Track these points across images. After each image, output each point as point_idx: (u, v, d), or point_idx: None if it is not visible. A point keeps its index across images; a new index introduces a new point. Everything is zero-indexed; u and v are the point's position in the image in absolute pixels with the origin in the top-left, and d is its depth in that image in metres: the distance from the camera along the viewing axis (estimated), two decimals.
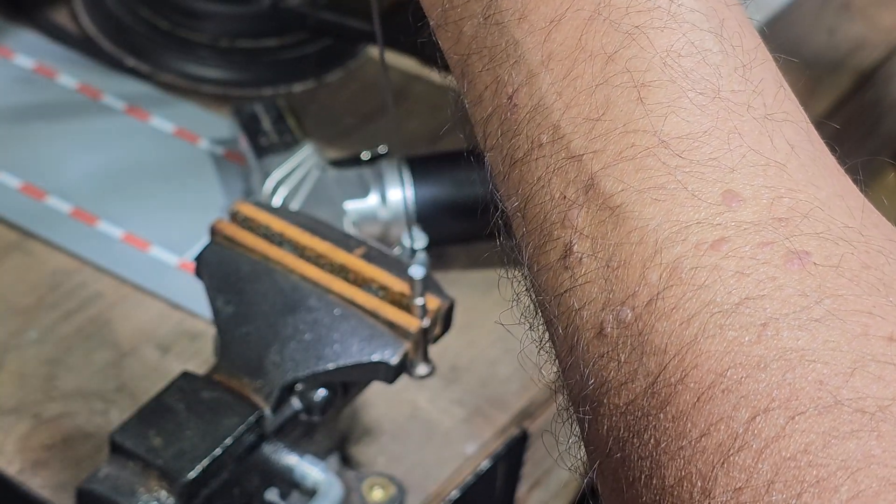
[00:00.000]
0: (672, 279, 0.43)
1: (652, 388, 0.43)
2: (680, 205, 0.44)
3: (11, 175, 1.05)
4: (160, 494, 0.74)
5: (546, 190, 0.47)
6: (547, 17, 0.47)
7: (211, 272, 0.83)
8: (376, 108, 1.14)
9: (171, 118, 1.11)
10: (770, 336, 0.41)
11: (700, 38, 0.46)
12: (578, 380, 0.46)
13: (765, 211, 0.43)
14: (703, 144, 0.44)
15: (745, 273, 0.42)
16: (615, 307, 0.44)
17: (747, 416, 0.41)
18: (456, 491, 0.90)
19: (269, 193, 1.00)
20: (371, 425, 0.93)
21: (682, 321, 0.42)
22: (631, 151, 0.45)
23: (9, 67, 1.14)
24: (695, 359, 0.42)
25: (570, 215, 0.46)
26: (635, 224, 0.44)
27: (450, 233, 1.01)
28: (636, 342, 0.43)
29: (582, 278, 0.45)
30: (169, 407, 0.77)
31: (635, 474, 0.43)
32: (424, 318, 0.79)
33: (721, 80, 0.46)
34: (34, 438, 0.88)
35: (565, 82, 0.47)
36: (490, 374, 0.97)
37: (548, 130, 0.47)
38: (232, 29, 1.15)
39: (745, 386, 0.41)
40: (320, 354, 0.78)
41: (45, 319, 0.96)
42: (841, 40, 1.28)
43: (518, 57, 0.48)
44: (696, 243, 0.43)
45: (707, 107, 0.45)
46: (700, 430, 0.41)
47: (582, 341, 0.45)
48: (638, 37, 0.46)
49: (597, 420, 0.45)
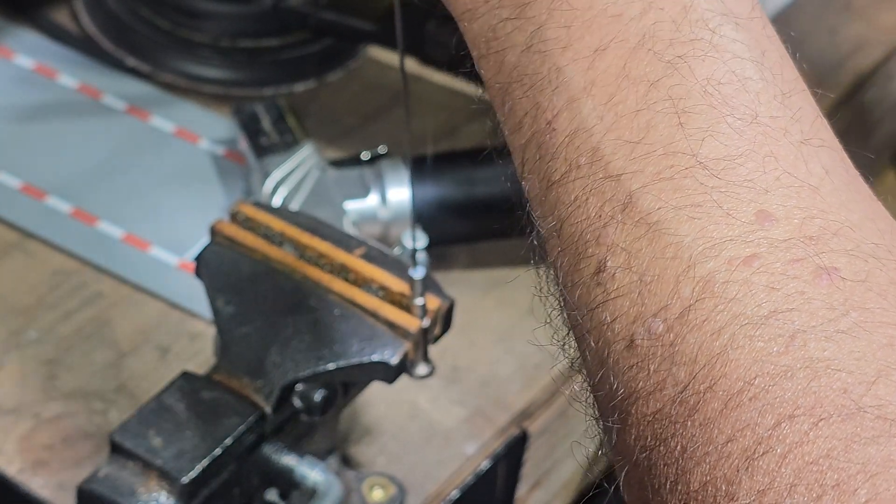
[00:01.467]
0: (704, 292, 0.44)
1: (681, 396, 0.44)
2: (715, 222, 0.45)
3: (12, 175, 1.05)
4: (160, 494, 0.74)
5: (583, 209, 0.48)
6: (591, 46, 0.49)
7: (211, 272, 0.83)
8: (377, 108, 1.15)
9: (171, 118, 1.11)
10: (797, 347, 0.43)
11: (741, 67, 0.48)
12: (608, 391, 0.47)
13: (796, 230, 0.45)
14: (740, 166, 0.46)
15: (775, 287, 0.44)
16: (647, 319, 0.45)
17: (772, 423, 0.42)
18: (456, 491, 0.90)
19: (269, 193, 1.00)
20: (371, 425, 0.93)
21: (712, 332, 0.44)
22: (669, 172, 0.46)
23: (9, 67, 1.14)
24: (723, 368, 0.43)
25: (606, 232, 0.47)
26: (671, 240, 0.46)
27: (450, 233, 1.01)
28: (667, 353, 0.45)
29: (615, 292, 0.46)
30: (169, 407, 0.77)
31: (661, 481, 0.44)
32: (424, 318, 0.79)
33: (760, 107, 0.47)
34: (34, 438, 0.88)
35: (607, 107, 0.48)
36: (490, 374, 0.97)
37: (587, 153, 0.48)
38: (233, 29, 1.15)
39: (771, 394, 0.42)
40: (320, 354, 0.78)
41: (45, 319, 0.96)
42: (842, 40, 1.28)
43: (560, 83, 0.49)
44: (729, 259, 0.45)
45: (745, 131, 0.47)
46: (726, 436, 0.43)
47: (613, 353, 0.46)
48: (680, 66, 0.48)
49: (625, 429, 0.46)
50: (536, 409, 0.96)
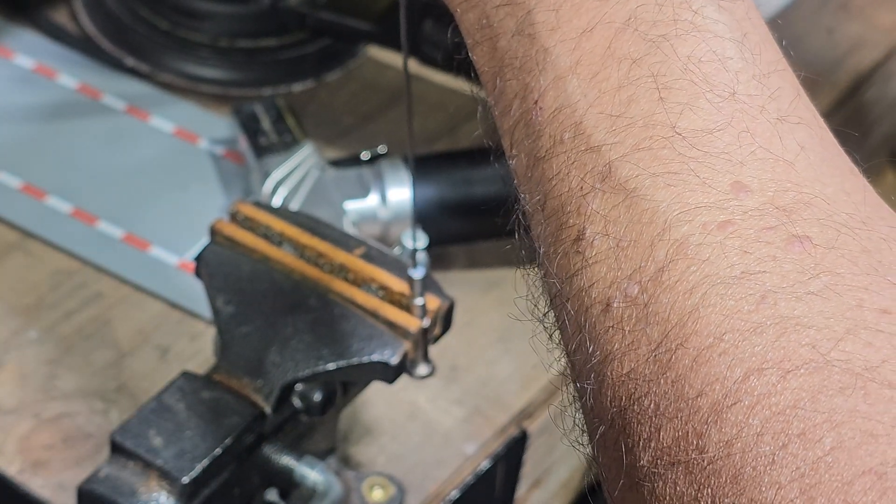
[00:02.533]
0: (678, 254, 0.45)
1: (654, 354, 0.45)
2: (691, 190, 0.46)
3: (12, 175, 1.06)
4: (160, 494, 0.74)
5: (565, 182, 0.49)
6: (578, 28, 0.50)
7: (211, 272, 0.83)
8: (375, 108, 1.15)
9: (171, 118, 1.12)
10: (768, 305, 0.44)
11: (721, 47, 0.49)
12: (585, 354, 0.48)
13: (769, 201, 0.46)
14: (717, 139, 0.47)
15: (747, 251, 0.45)
16: (622, 282, 0.46)
17: (741, 376, 0.43)
18: (456, 491, 0.91)
19: (268, 193, 1.00)
20: (371, 425, 0.93)
21: (684, 292, 0.45)
22: (648, 142, 0.48)
23: (9, 67, 1.14)
24: (695, 325, 0.44)
25: (586, 201, 0.48)
26: (647, 205, 0.47)
27: (450, 233, 1.01)
28: (641, 314, 0.46)
29: (593, 259, 0.48)
30: (169, 407, 0.77)
31: (635, 439, 0.45)
32: (424, 317, 0.80)
33: (738, 85, 0.48)
34: (34, 438, 0.89)
35: (591, 84, 0.49)
36: (490, 374, 0.97)
37: (570, 128, 0.49)
38: (231, 29, 1.16)
39: (740, 348, 0.43)
40: (320, 354, 0.78)
41: (45, 319, 0.96)
42: (840, 40, 1.28)
43: (547, 63, 0.51)
44: (704, 223, 0.46)
45: (723, 107, 0.48)
46: (696, 390, 0.44)
47: (590, 317, 0.47)
48: (662, 45, 0.49)
49: (600, 391, 0.47)
50: (536, 408, 0.96)
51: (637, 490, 0.45)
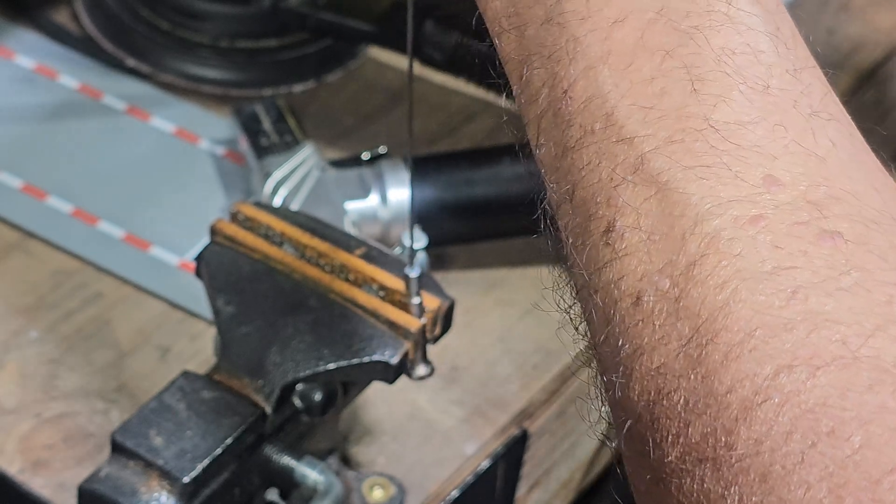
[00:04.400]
0: (710, 248, 0.45)
1: (684, 349, 0.45)
2: (723, 183, 0.46)
3: (12, 175, 1.06)
4: (161, 494, 0.74)
5: (595, 172, 0.49)
6: (610, 17, 0.50)
7: (211, 272, 0.83)
8: (376, 109, 1.15)
9: (171, 118, 1.12)
10: (798, 301, 0.44)
11: (755, 40, 0.49)
12: (613, 347, 0.48)
13: (801, 195, 0.46)
14: (750, 132, 0.47)
15: (778, 246, 0.45)
16: (653, 276, 0.46)
17: (771, 373, 0.43)
18: (456, 491, 0.91)
19: (269, 194, 1.00)
20: (371, 425, 0.93)
21: (715, 286, 0.45)
22: (681, 134, 0.47)
23: (10, 67, 1.14)
24: (725, 321, 0.44)
25: (616, 193, 0.48)
26: (679, 199, 0.47)
27: (450, 233, 1.01)
28: (672, 308, 0.46)
29: (623, 251, 0.47)
30: (169, 407, 0.77)
31: (663, 434, 0.45)
32: (422, 316, 0.80)
33: (772, 79, 0.48)
34: (35, 438, 0.89)
35: (623, 74, 0.49)
36: (490, 374, 0.97)
37: (601, 118, 0.49)
38: (232, 29, 1.16)
39: (770, 345, 0.43)
40: (320, 354, 0.78)
41: (45, 319, 0.96)
42: (840, 41, 1.28)
43: (577, 53, 0.50)
44: (735, 217, 0.46)
45: (756, 100, 0.48)
46: (726, 386, 0.44)
47: (619, 310, 0.47)
48: (696, 36, 0.49)
49: (629, 385, 0.47)
50: (536, 408, 0.96)
51: (664, 485, 0.45)
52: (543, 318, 1.01)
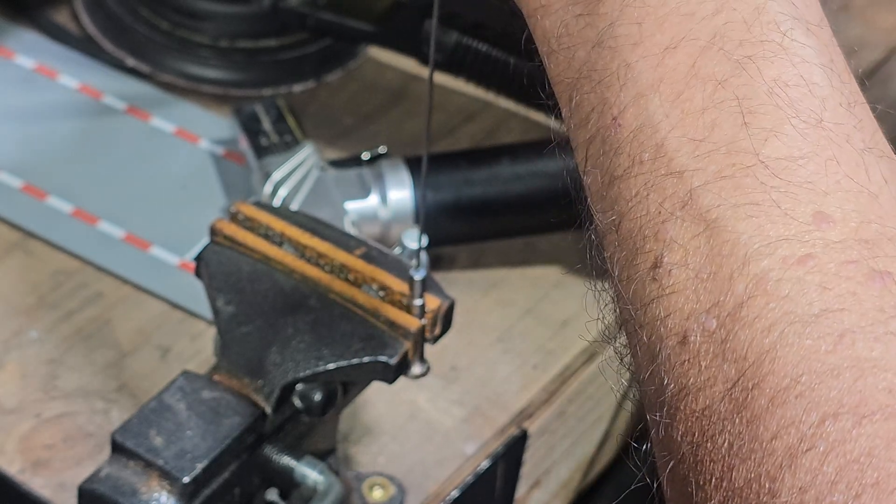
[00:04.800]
0: (757, 289, 0.45)
1: (730, 392, 0.44)
2: (772, 221, 0.46)
3: (12, 175, 1.06)
4: (161, 494, 0.74)
5: (643, 205, 0.48)
6: (662, 44, 0.49)
7: (211, 272, 0.83)
8: (375, 109, 1.15)
9: (171, 118, 1.12)
10: (845, 346, 0.43)
11: (809, 72, 0.48)
12: (658, 386, 0.47)
13: (852, 233, 0.45)
14: (801, 168, 0.46)
15: (827, 287, 0.44)
16: (700, 315, 0.46)
17: (817, 420, 0.42)
18: (456, 491, 0.91)
19: (269, 193, 1.00)
20: (371, 425, 0.93)
21: (763, 329, 0.44)
22: (731, 170, 0.47)
23: (10, 67, 1.14)
24: (771, 365, 0.44)
25: (664, 228, 0.47)
26: (727, 237, 0.46)
27: (449, 233, 1.01)
28: (718, 349, 0.45)
29: (670, 288, 0.47)
30: (169, 407, 0.77)
31: (706, 477, 0.45)
32: (423, 317, 0.80)
33: (825, 112, 0.48)
34: (35, 438, 0.89)
35: (674, 104, 0.48)
36: (489, 374, 0.97)
37: (651, 149, 0.48)
38: (232, 29, 1.16)
39: (816, 392, 0.43)
40: (320, 354, 0.78)
41: (46, 319, 0.96)
42: (840, 41, 1.28)
43: (628, 79, 0.49)
44: (784, 257, 0.45)
45: (808, 134, 0.47)
46: (771, 432, 0.43)
47: (665, 349, 0.47)
48: (748, 66, 0.48)
49: (673, 425, 0.46)
50: (536, 408, 0.96)
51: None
52: (543, 318, 1.02)
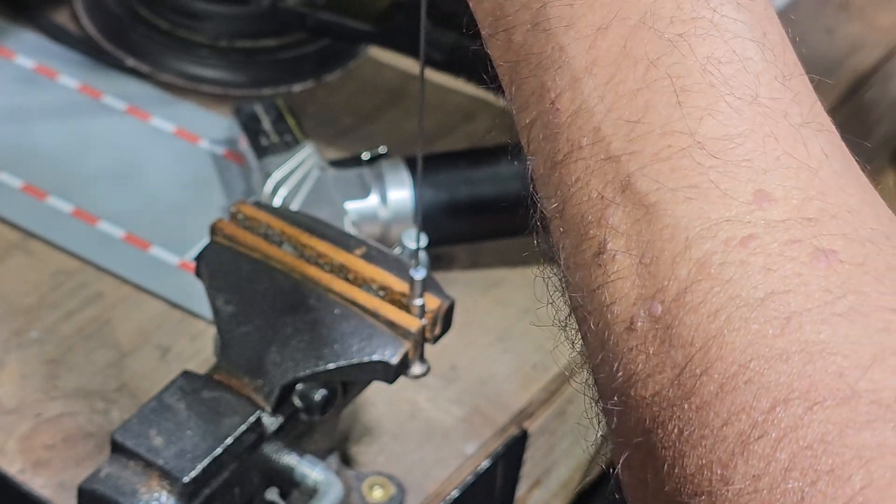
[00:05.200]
0: (700, 274, 0.44)
1: (678, 379, 0.44)
2: (712, 203, 0.45)
3: (13, 175, 1.06)
4: (161, 494, 0.74)
5: (584, 191, 0.48)
6: (594, 24, 0.48)
7: (211, 272, 0.83)
8: (375, 108, 1.15)
9: (171, 118, 1.12)
10: (793, 329, 0.43)
11: (742, 47, 0.47)
12: (609, 373, 0.47)
13: (794, 211, 0.44)
14: (738, 146, 0.46)
15: (771, 269, 0.44)
16: (646, 301, 0.45)
17: (767, 406, 0.42)
18: (456, 491, 0.91)
19: (269, 193, 1.00)
20: (371, 425, 0.93)
21: (708, 314, 0.44)
22: (667, 152, 0.46)
23: (10, 68, 1.14)
24: (719, 350, 0.43)
25: (606, 214, 0.47)
26: (667, 221, 0.45)
27: (449, 233, 1.01)
28: (664, 335, 0.45)
29: (615, 275, 0.46)
30: (169, 406, 0.77)
31: (659, 464, 0.44)
32: (423, 317, 0.80)
33: (760, 88, 0.47)
34: (35, 438, 0.89)
35: (608, 87, 0.48)
36: (489, 373, 0.97)
37: (589, 133, 0.48)
38: (231, 29, 1.16)
39: (766, 377, 0.42)
40: (320, 354, 0.78)
41: (46, 319, 0.96)
42: (839, 40, 1.28)
43: (563, 62, 0.49)
44: (726, 239, 0.44)
45: (744, 111, 0.46)
46: (722, 419, 0.43)
47: (613, 335, 0.46)
48: (680, 44, 0.47)
49: (625, 412, 0.46)
50: (536, 408, 0.96)
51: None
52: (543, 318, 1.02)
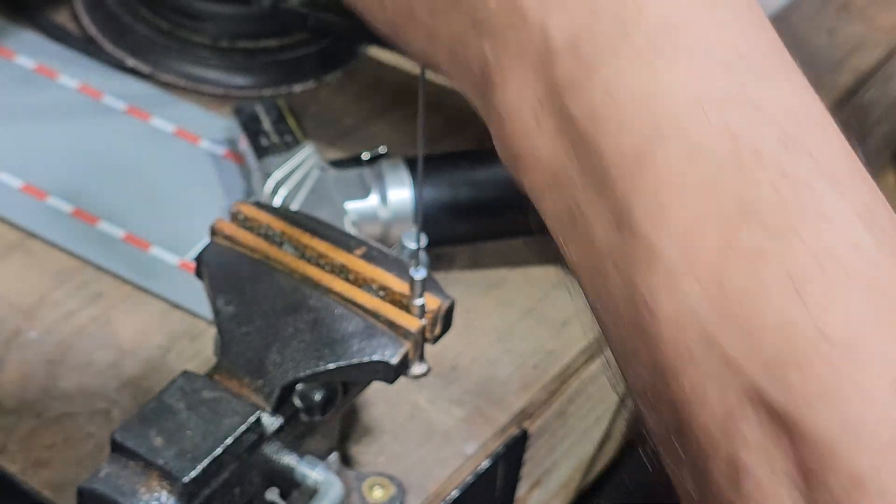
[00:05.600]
0: (864, 498, 0.42)
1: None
2: (854, 409, 0.43)
3: (12, 175, 1.06)
4: (161, 494, 0.74)
5: (706, 406, 0.45)
6: (686, 219, 0.45)
7: (211, 272, 0.83)
8: (376, 109, 1.15)
9: (171, 118, 1.12)
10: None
11: (854, 233, 0.45)
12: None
13: None
14: (868, 339, 0.44)
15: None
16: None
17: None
18: (456, 491, 0.91)
19: (269, 194, 1.00)
20: (371, 425, 0.93)
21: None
22: (793, 355, 0.43)
23: (9, 67, 1.14)
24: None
25: (735, 428, 0.44)
26: (811, 436, 0.43)
27: (449, 233, 1.01)
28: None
29: (763, 500, 0.44)
30: (169, 407, 0.77)
31: None
32: (424, 317, 0.80)
33: (880, 273, 0.45)
34: (35, 438, 0.89)
35: (713, 286, 0.45)
36: (490, 374, 0.97)
37: (697, 340, 0.45)
38: (232, 29, 1.16)
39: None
40: (320, 354, 0.78)
41: (45, 319, 0.96)
42: (840, 41, 1.28)
43: (654, 261, 0.46)
44: (877, 450, 0.42)
45: (867, 301, 0.44)
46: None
47: None
48: (788, 235, 0.45)
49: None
50: (536, 408, 0.96)
51: None
52: (543, 318, 1.02)
